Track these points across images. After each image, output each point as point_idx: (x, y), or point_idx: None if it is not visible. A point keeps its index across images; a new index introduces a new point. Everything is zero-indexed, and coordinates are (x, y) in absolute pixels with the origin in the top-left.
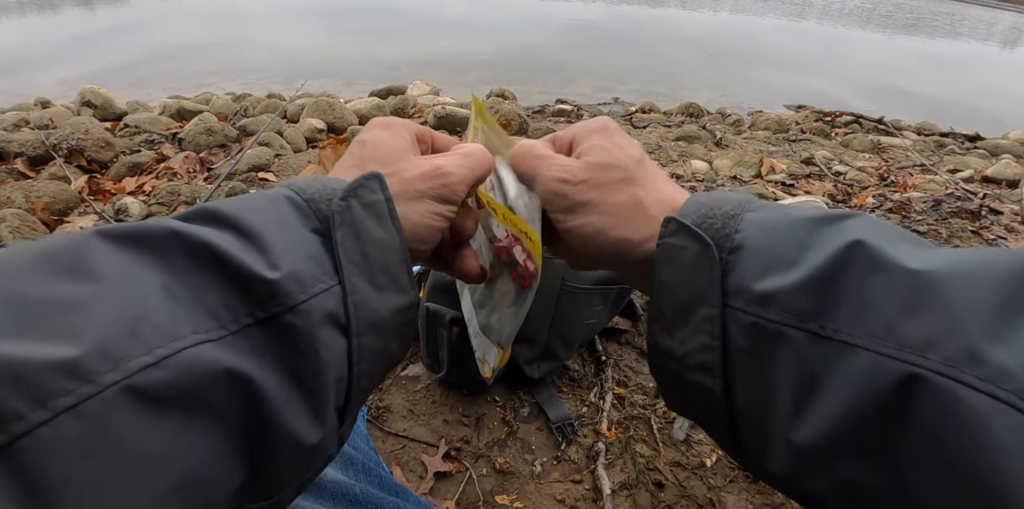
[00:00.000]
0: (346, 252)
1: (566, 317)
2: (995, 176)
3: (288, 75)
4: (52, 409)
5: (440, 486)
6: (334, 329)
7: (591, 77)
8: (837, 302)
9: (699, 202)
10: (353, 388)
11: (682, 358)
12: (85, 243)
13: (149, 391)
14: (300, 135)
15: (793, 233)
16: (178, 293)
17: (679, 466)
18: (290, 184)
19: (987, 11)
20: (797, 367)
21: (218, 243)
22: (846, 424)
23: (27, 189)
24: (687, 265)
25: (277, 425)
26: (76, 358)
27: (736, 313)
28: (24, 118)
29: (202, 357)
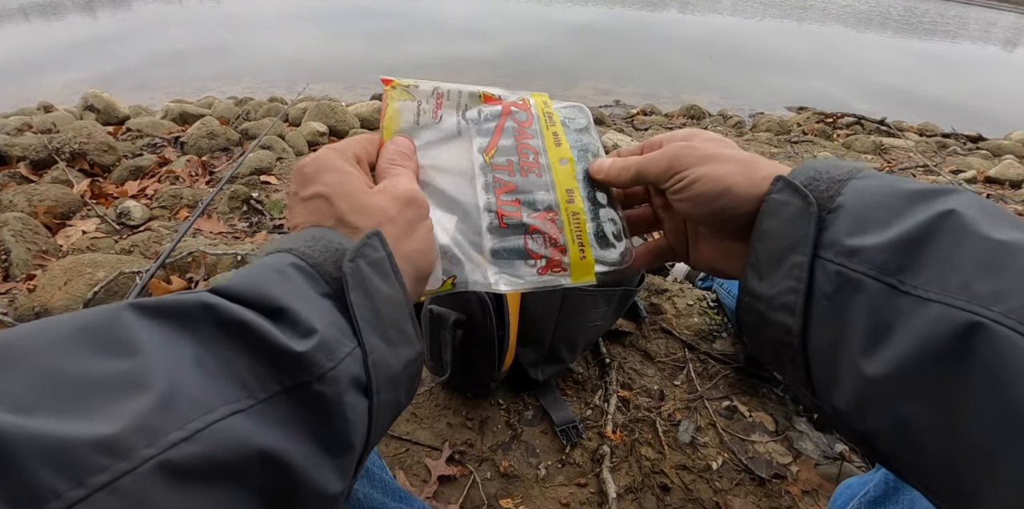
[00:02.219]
0: (361, 313)
1: (570, 320)
2: (998, 176)
3: (290, 79)
4: (89, 487)
5: (444, 490)
6: (358, 392)
7: (592, 80)
8: (922, 262)
9: (811, 166)
10: (369, 443)
11: (769, 299)
12: (120, 316)
13: (182, 465)
14: (302, 138)
15: (893, 200)
16: (209, 365)
17: (685, 469)
18: (291, 249)
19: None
20: (871, 313)
21: (248, 316)
22: (910, 364)
23: (30, 193)
24: (788, 218)
25: (306, 489)
26: (113, 435)
27: (824, 262)
28: (27, 122)
29: (233, 429)
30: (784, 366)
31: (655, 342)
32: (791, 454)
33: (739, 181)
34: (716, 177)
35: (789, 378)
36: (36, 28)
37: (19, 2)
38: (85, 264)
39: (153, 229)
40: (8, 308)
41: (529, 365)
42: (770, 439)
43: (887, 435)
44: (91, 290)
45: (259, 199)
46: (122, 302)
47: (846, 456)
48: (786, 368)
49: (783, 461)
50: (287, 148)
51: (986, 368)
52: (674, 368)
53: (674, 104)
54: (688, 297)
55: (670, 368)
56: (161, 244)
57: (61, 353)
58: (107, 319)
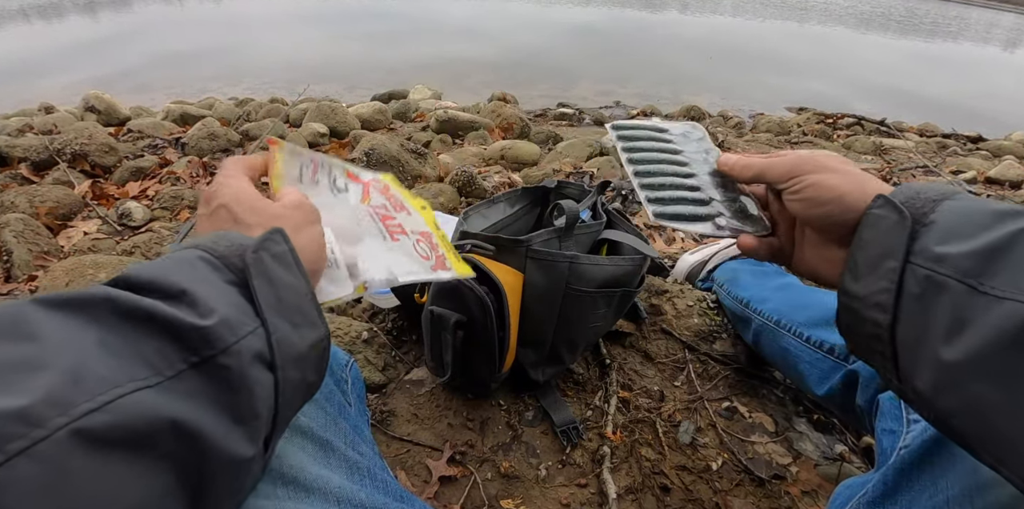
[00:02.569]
0: (264, 297)
1: (571, 321)
2: (998, 177)
3: (291, 80)
4: (7, 452)
5: (445, 490)
6: (262, 366)
7: (593, 81)
8: (1000, 268)
9: (911, 187)
10: (278, 419)
11: (864, 298)
12: (20, 309)
13: (95, 433)
14: (303, 140)
15: (981, 218)
16: (114, 347)
17: (685, 470)
18: (197, 244)
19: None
20: (953, 310)
21: (149, 303)
22: (982, 351)
23: (31, 194)
24: (885, 229)
25: (216, 455)
26: (26, 406)
27: (914, 267)
28: (28, 123)
29: (141, 402)
30: (875, 356)
31: (655, 343)
32: (791, 455)
33: (850, 191)
34: (830, 184)
35: (878, 367)
36: (37, 29)
37: (20, 3)
38: (87, 265)
39: (154, 230)
40: None
41: (530, 366)
42: (770, 440)
43: (960, 413)
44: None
45: None
46: (24, 299)
47: (846, 457)
48: (876, 359)
49: (783, 462)
50: None
51: None
52: (674, 369)
53: (674, 105)
54: (688, 298)
55: (670, 369)
56: (162, 245)
57: None
58: (9, 313)
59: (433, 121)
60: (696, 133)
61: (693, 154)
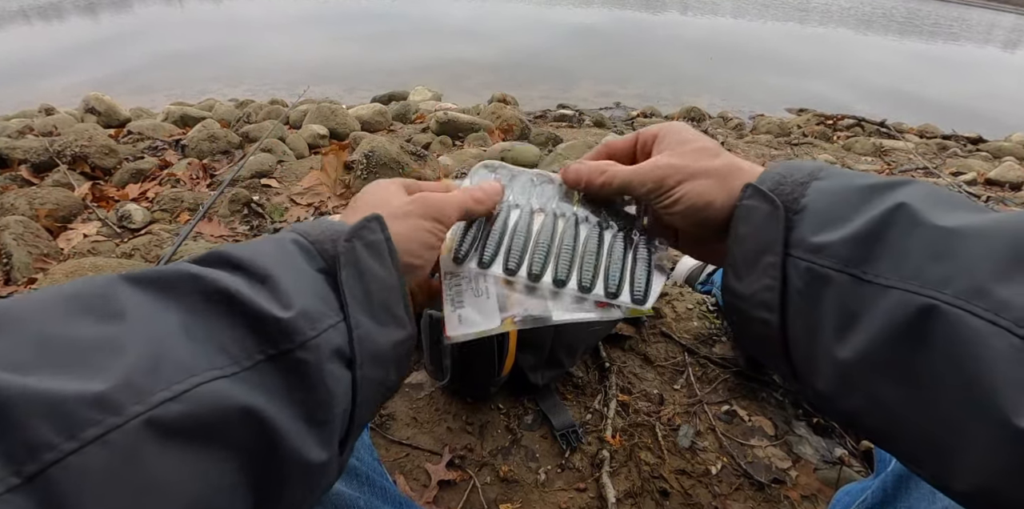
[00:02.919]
0: (350, 290)
1: (570, 324)
2: (998, 178)
3: (290, 81)
4: (81, 439)
5: (444, 495)
6: (340, 363)
7: (593, 82)
8: (879, 253)
9: (775, 171)
10: (355, 419)
11: (749, 297)
12: (110, 286)
13: (169, 423)
14: (303, 141)
15: (851, 197)
16: (196, 332)
17: (684, 474)
18: (295, 228)
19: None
20: (840, 303)
21: (234, 286)
22: (877, 346)
23: (31, 196)
24: (758, 221)
25: (287, 455)
26: (103, 392)
27: (795, 260)
28: (28, 125)
29: (217, 392)
30: (770, 358)
31: (654, 346)
32: (790, 458)
33: (718, 195)
34: (699, 193)
35: (775, 369)
36: (37, 30)
37: (20, 4)
38: (86, 268)
39: (154, 232)
40: None
41: (529, 369)
42: (769, 443)
43: (866, 414)
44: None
45: (260, 202)
46: (116, 274)
47: (845, 461)
48: (772, 359)
49: (782, 466)
50: (288, 151)
51: (943, 346)
52: (674, 372)
53: (674, 106)
54: (688, 301)
55: (670, 372)
56: (162, 248)
57: (52, 318)
58: (98, 288)
59: (433, 123)
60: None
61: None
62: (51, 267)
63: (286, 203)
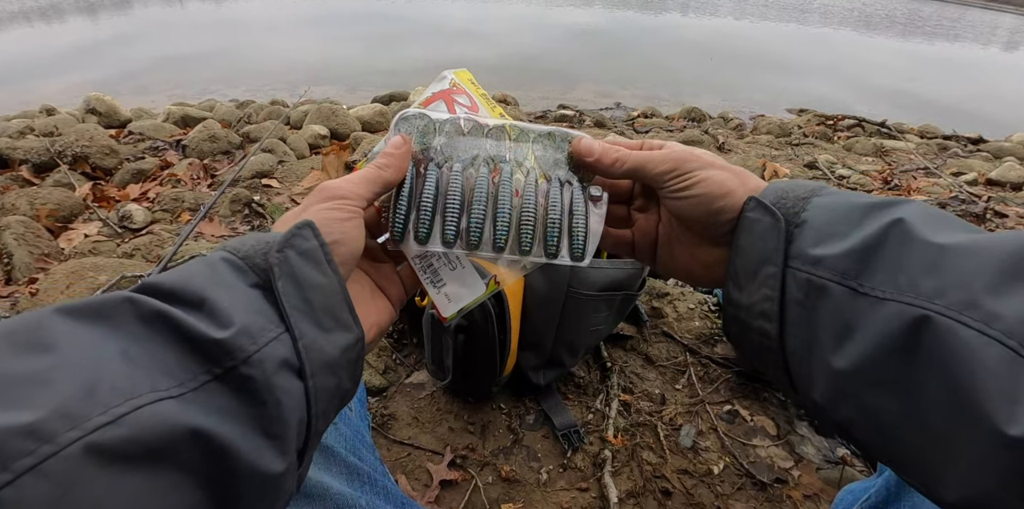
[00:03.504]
0: (288, 300)
1: (572, 324)
2: (999, 179)
3: (291, 82)
4: (14, 470)
5: (446, 494)
6: (290, 374)
7: (593, 82)
8: (876, 266)
9: (778, 186)
10: (312, 429)
11: (748, 307)
12: (42, 320)
13: (110, 448)
14: (303, 141)
15: (850, 214)
16: (136, 357)
17: (686, 474)
18: (224, 245)
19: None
20: (837, 315)
21: (169, 312)
22: (872, 357)
23: (32, 196)
24: (760, 233)
25: (244, 470)
26: (35, 421)
27: (794, 271)
28: (29, 125)
29: (159, 414)
30: (768, 368)
31: (656, 346)
32: (792, 458)
33: (735, 188)
34: (718, 181)
35: (773, 379)
36: (38, 31)
37: (21, 5)
38: (87, 268)
39: (155, 233)
40: (10, 312)
41: (530, 369)
42: (771, 443)
43: (860, 425)
44: (93, 294)
45: (261, 202)
46: (48, 307)
47: (847, 460)
48: (769, 370)
49: (784, 465)
50: (288, 151)
51: (935, 356)
52: (675, 372)
53: (675, 106)
54: (689, 301)
55: (671, 372)
56: (163, 248)
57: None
58: (30, 322)
59: None
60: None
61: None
62: (52, 267)
63: (287, 203)
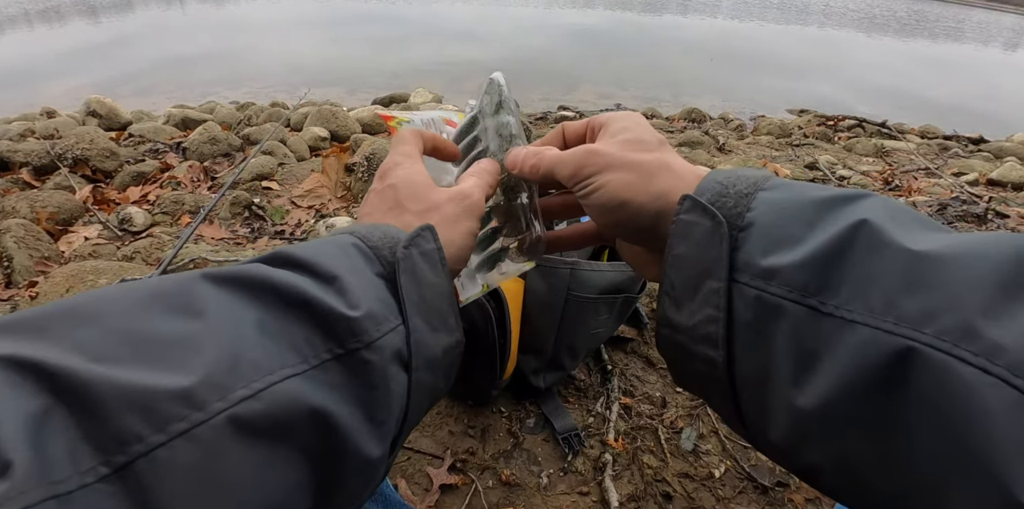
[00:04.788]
0: (408, 295)
1: (572, 327)
2: (1000, 179)
3: (291, 84)
4: (169, 433)
5: (446, 499)
6: (399, 365)
7: (593, 83)
8: (839, 279)
9: (715, 180)
10: (407, 421)
11: (689, 330)
12: (192, 283)
13: (248, 421)
14: (303, 144)
15: (803, 212)
16: (270, 330)
17: (687, 477)
18: (353, 231)
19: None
20: (796, 340)
21: (304, 287)
22: (843, 395)
23: (32, 199)
24: (698, 240)
25: (350, 452)
26: (189, 387)
27: (741, 287)
28: (30, 128)
29: (289, 391)
30: (712, 400)
31: (657, 348)
32: None
33: (633, 196)
34: (613, 189)
35: (719, 412)
36: (39, 33)
37: (22, 7)
38: (87, 271)
39: (155, 235)
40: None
41: (531, 373)
42: None
43: (828, 472)
44: None
45: (261, 205)
46: (196, 271)
47: None
48: (715, 402)
49: None
50: (288, 153)
51: (924, 398)
52: None
53: (675, 107)
54: None
55: None
56: (163, 250)
57: (136, 313)
58: (180, 286)
59: None
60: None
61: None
62: (52, 270)
63: (287, 205)
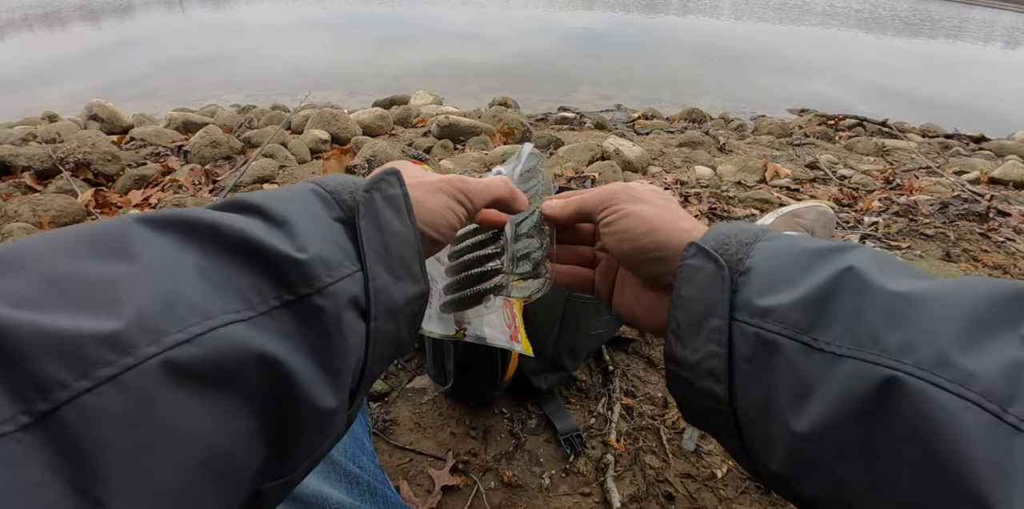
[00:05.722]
0: (368, 241)
1: (573, 328)
2: (1001, 177)
3: (292, 86)
4: (94, 378)
5: (447, 500)
6: (355, 313)
7: (593, 84)
8: (829, 318)
9: (719, 231)
10: (366, 371)
11: (694, 366)
12: (126, 227)
13: (184, 366)
14: (304, 146)
15: (798, 259)
16: (211, 275)
17: (689, 478)
18: (314, 180)
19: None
20: (792, 373)
21: (251, 229)
22: (834, 421)
23: (34, 203)
24: (702, 282)
25: (302, 402)
26: (117, 331)
27: (741, 325)
28: (32, 132)
29: (232, 336)
30: (719, 433)
31: (659, 349)
32: None
33: (663, 225)
34: (643, 216)
35: (724, 445)
36: (40, 38)
37: (23, 12)
38: None
39: None
40: None
41: (532, 374)
42: None
43: (827, 502)
44: None
45: None
46: (131, 214)
47: None
48: (721, 435)
49: None
50: (289, 156)
51: (906, 423)
52: None
53: (675, 108)
54: None
55: None
56: None
57: (63, 256)
58: (111, 229)
59: (434, 127)
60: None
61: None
62: None
63: None
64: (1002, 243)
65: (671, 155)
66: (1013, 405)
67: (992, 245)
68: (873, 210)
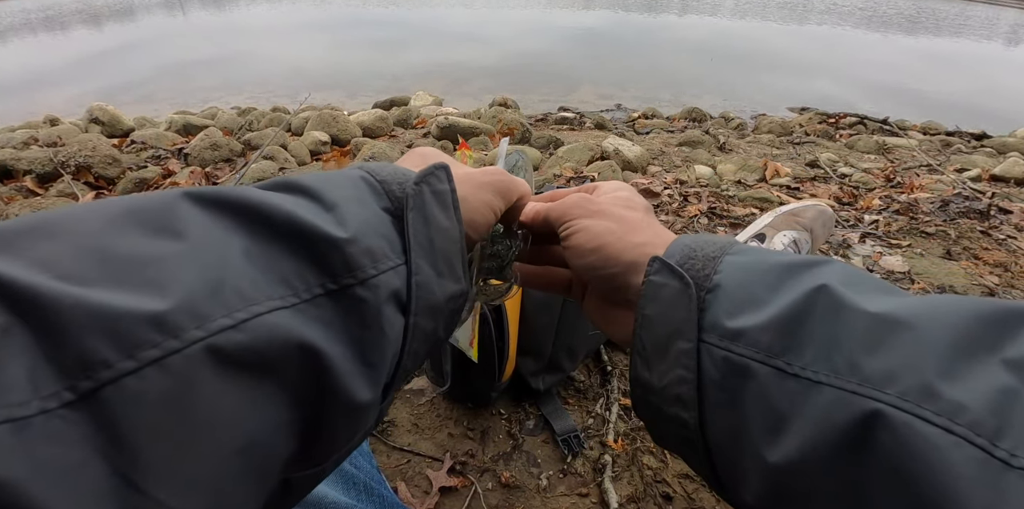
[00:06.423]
0: (415, 234)
1: (571, 328)
2: (1003, 174)
3: (292, 88)
4: (139, 360)
5: (445, 501)
6: (395, 307)
7: (593, 84)
8: (802, 341)
9: (683, 244)
10: (401, 366)
11: (661, 391)
12: (174, 203)
13: (228, 353)
14: (304, 148)
15: (767, 276)
16: (257, 259)
17: (687, 478)
18: (362, 166)
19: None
20: (765, 400)
21: (300, 212)
22: (812, 455)
23: (36, 206)
24: (667, 301)
25: (338, 393)
26: (163, 312)
27: (710, 347)
28: (33, 136)
29: (276, 324)
30: (691, 461)
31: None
32: None
33: (612, 241)
34: (593, 232)
35: (698, 473)
36: (41, 42)
37: (25, 16)
38: None
39: None
40: None
41: (530, 374)
42: None
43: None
44: None
45: None
46: (178, 189)
47: None
48: (692, 463)
49: None
50: (290, 158)
51: (892, 459)
52: None
53: (676, 107)
54: None
55: None
56: None
57: (108, 231)
58: (159, 203)
59: (434, 128)
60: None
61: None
62: None
63: None
64: (1003, 241)
65: (671, 154)
66: (1003, 438)
67: (993, 243)
68: (874, 208)
